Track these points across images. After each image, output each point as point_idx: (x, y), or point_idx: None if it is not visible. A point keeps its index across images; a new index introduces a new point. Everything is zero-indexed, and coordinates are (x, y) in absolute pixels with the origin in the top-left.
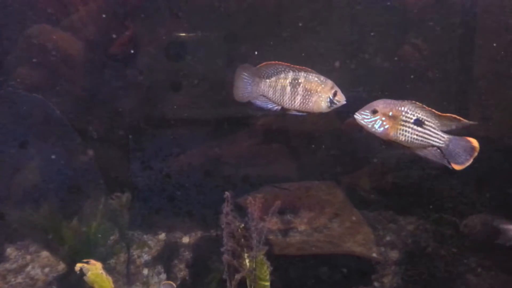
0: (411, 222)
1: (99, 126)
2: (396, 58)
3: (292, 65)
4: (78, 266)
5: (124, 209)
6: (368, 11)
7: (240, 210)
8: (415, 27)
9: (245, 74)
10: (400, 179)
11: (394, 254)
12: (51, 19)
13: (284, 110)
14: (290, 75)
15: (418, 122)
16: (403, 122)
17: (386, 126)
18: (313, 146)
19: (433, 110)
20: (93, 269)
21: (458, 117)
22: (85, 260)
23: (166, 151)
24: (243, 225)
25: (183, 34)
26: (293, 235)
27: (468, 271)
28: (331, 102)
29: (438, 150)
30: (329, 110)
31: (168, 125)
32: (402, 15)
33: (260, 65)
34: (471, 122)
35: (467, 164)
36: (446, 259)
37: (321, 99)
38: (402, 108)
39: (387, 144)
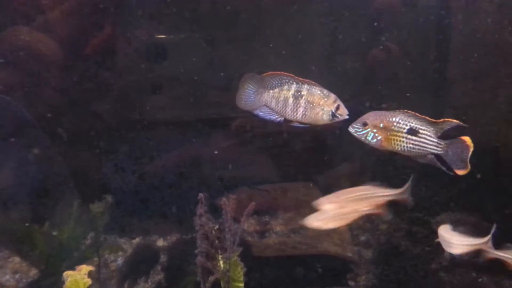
0: (385, 221)
1: (71, 127)
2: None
3: (296, 77)
4: (64, 274)
5: (101, 213)
6: (342, 14)
7: (217, 212)
8: (386, 29)
9: (250, 83)
10: (376, 179)
11: (368, 254)
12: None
13: (286, 121)
14: (294, 87)
15: (412, 131)
16: (395, 132)
17: (378, 138)
18: (290, 146)
19: (427, 118)
20: (74, 275)
21: (451, 120)
22: (77, 267)
23: (140, 153)
24: (217, 226)
25: (162, 36)
26: (271, 236)
27: (440, 269)
28: (333, 115)
29: (439, 157)
30: (331, 123)
31: (142, 126)
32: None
33: (265, 74)
34: (464, 125)
35: (468, 165)
36: (420, 258)
37: (323, 112)
38: (393, 119)
39: (388, 154)
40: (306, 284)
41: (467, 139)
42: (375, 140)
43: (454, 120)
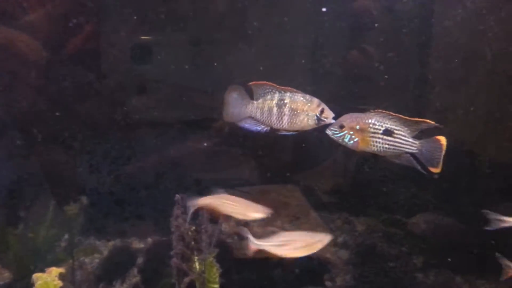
0: (364, 223)
1: (46, 127)
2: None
3: (278, 86)
4: (34, 276)
5: (77, 215)
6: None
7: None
8: (366, 32)
9: (234, 95)
10: (357, 180)
11: (346, 254)
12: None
13: (273, 130)
14: (276, 96)
15: (387, 132)
16: (372, 134)
17: (355, 139)
18: (271, 148)
19: (401, 116)
20: (44, 277)
21: (425, 120)
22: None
23: (118, 154)
24: (193, 227)
25: (145, 37)
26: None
27: (416, 269)
28: (319, 119)
29: (412, 157)
30: (317, 126)
31: (119, 127)
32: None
33: (248, 84)
34: (437, 125)
35: (441, 163)
36: (396, 259)
37: (308, 117)
38: (369, 121)
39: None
40: (283, 285)
41: (441, 138)
42: (352, 142)
43: (428, 120)
